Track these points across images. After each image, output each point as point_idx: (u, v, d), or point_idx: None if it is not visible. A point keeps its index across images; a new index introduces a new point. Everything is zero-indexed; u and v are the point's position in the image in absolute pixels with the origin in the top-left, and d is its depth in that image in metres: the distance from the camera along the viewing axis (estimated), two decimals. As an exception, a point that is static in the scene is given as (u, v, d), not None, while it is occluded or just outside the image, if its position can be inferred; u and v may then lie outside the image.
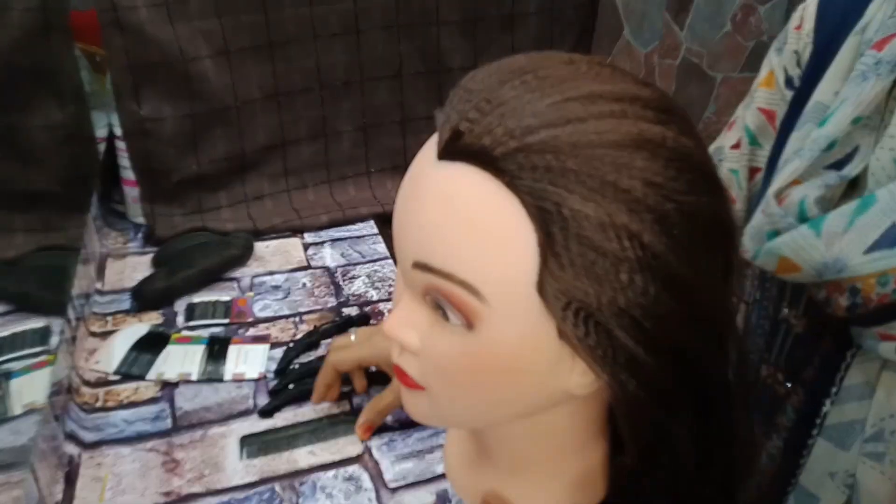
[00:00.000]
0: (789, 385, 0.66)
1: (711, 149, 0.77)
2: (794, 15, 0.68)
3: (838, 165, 0.56)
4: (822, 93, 0.60)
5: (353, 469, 0.79)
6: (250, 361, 0.92)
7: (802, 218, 0.55)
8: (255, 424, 0.84)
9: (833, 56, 0.60)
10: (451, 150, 0.40)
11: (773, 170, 0.66)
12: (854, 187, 0.57)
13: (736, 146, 0.74)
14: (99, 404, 0.86)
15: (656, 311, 0.38)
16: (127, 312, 1.01)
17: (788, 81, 0.68)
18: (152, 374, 0.90)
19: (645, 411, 0.42)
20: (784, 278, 0.58)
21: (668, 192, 0.38)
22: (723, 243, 0.41)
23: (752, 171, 0.72)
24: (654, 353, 0.40)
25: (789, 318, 0.65)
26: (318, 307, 1.04)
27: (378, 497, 0.76)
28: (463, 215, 0.39)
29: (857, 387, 0.59)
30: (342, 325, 0.99)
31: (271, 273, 1.12)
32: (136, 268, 1.10)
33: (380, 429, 0.84)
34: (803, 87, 0.65)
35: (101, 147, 1.17)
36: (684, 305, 0.39)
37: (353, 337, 0.85)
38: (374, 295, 1.08)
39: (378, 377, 0.92)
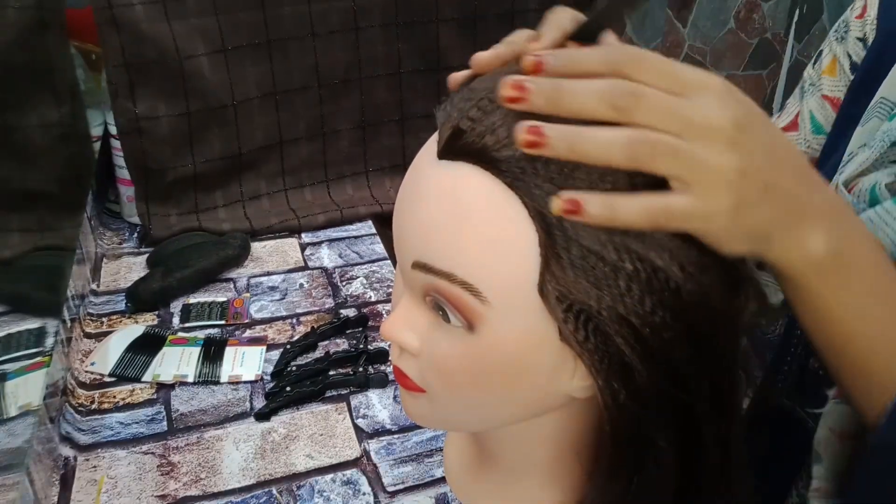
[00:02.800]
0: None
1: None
2: (856, 4, 0.68)
3: None
4: (887, 89, 0.59)
5: (351, 473, 0.78)
6: (247, 363, 0.92)
7: (874, 203, 0.55)
8: (252, 427, 0.83)
9: (891, 46, 0.60)
10: (452, 150, 0.39)
11: (829, 157, 0.65)
12: None
13: (789, 128, 0.72)
14: (94, 406, 0.85)
15: (653, 321, 0.38)
16: (122, 313, 1.00)
17: (854, 67, 0.67)
18: (148, 376, 0.89)
19: (632, 423, 0.41)
20: None
21: None
22: (726, 258, 0.40)
23: (814, 161, 0.70)
24: (649, 364, 0.39)
25: None
26: (316, 308, 1.04)
27: (376, 501, 0.75)
28: (464, 215, 0.39)
29: None
30: (340, 327, 0.98)
31: (268, 274, 1.11)
32: (131, 268, 1.10)
33: (378, 432, 0.83)
34: (865, 76, 0.64)
35: (97, 146, 1.17)
36: (681, 320, 0.39)
37: None
38: (372, 296, 1.07)
39: (378, 356, 0.92)
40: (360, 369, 0.90)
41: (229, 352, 0.93)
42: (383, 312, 1.03)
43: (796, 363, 0.67)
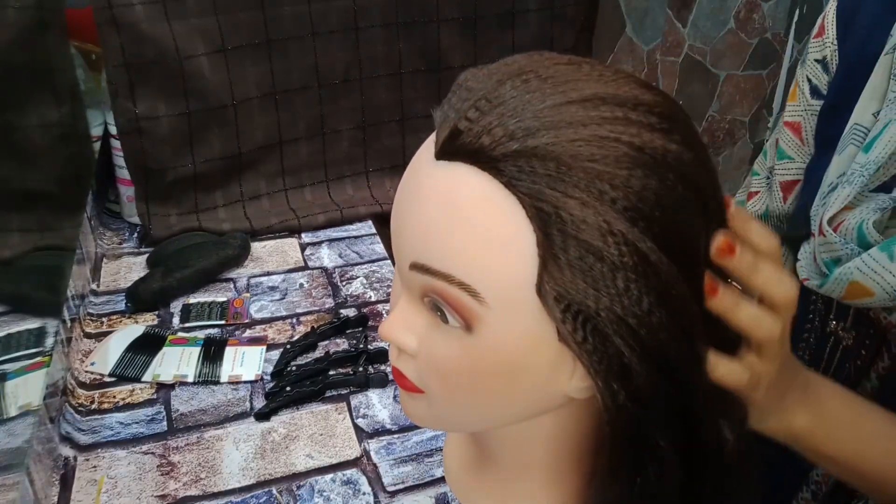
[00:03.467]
0: None
1: (759, 176, 0.79)
2: (817, 24, 0.69)
3: (885, 188, 0.57)
4: (859, 115, 0.60)
5: (351, 472, 0.78)
6: (247, 363, 0.92)
7: (862, 243, 0.56)
8: (252, 427, 0.83)
9: (863, 72, 0.60)
10: (450, 150, 0.39)
11: (812, 182, 0.66)
12: None
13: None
14: (94, 406, 0.85)
15: (650, 321, 0.38)
16: (122, 313, 1.00)
17: (814, 91, 0.69)
18: (148, 376, 0.89)
19: (632, 424, 0.41)
20: (851, 304, 0.58)
21: (667, 210, 0.37)
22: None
23: (784, 184, 0.74)
24: (647, 365, 0.39)
25: (837, 331, 0.64)
26: (316, 308, 1.04)
27: (376, 501, 0.75)
28: (461, 215, 0.39)
29: None
30: (340, 327, 0.98)
31: (268, 274, 1.11)
32: (131, 268, 1.10)
33: (378, 432, 0.83)
34: (836, 99, 0.65)
35: (97, 146, 1.17)
36: (677, 320, 0.39)
37: None
38: (372, 296, 1.07)
39: (378, 356, 0.92)
40: (360, 369, 0.90)
41: (229, 352, 0.93)
42: (383, 312, 1.03)
43: (805, 355, 0.67)
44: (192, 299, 1.03)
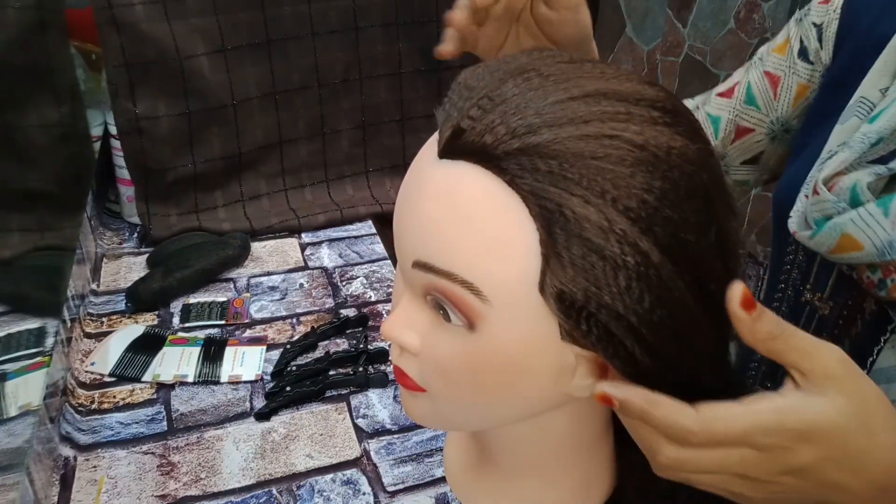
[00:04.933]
0: None
1: (699, 97, 0.80)
2: None
3: (882, 160, 0.57)
4: (866, 89, 0.61)
5: (351, 473, 0.78)
6: (247, 363, 0.91)
7: (855, 203, 0.56)
8: (252, 427, 0.83)
9: (871, 50, 0.61)
10: (453, 149, 0.39)
11: (802, 150, 0.67)
12: None
13: (725, 95, 0.76)
14: (94, 406, 0.85)
15: (650, 320, 0.38)
16: (122, 313, 1.00)
17: (802, 52, 0.70)
18: (148, 376, 0.89)
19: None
20: (837, 259, 0.58)
21: (669, 210, 0.37)
22: (725, 255, 0.41)
23: (739, 129, 0.74)
24: (653, 357, 0.39)
25: (812, 301, 0.65)
26: (316, 308, 1.03)
27: (376, 501, 0.75)
28: (464, 214, 0.39)
29: (890, 369, 0.59)
30: (340, 327, 0.98)
31: (268, 274, 1.11)
32: (131, 268, 1.10)
33: (378, 432, 0.83)
34: (840, 75, 0.66)
35: (97, 146, 1.17)
36: (678, 320, 0.39)
37: None
38: (372, 296, 1.07)
39: (378, 356, 0.92)
40: (360, 369, 0.90)
41: (229, 352, 0.93)
42: (383, 312, 1.03)
43: None
44: (192, 299, 1.03)
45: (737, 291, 0.38)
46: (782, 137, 0.74)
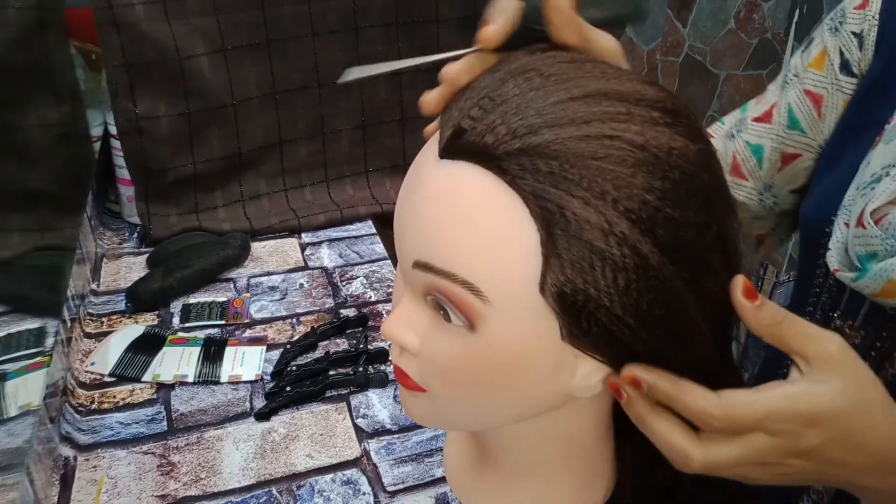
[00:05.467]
0: None
1: (729, 121, 0.74)
2: None
3: None
4: None
5: (352, 473, 0.78)
6: (247, 363, 0.91)
7: None
8: (252, 427, 0.83)
9: None
10: (453, 149, 0.39)
11: (831, 167, 0.63)
12: None
13: (763, 119, 0.70)
14: (94, 406, 0.85)
15: (650, 319, 0.39)
16: (122, 313, 1.00)
17: (844, 65, 0.63)
18: (148, 376, 0.89)
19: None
20: (882, 302, 0.55)
21: (669, 210, 0.37)
22: (725, 255, 0.41)
23: (785, 156, 0.68)
24: (652, 357, 0.40)
25: (843, 328, 0.61)
26: (316, 308, 1.03)
27: (376, 501, 0.75)
28: (465, 214, 0.39)
29: None
30: (340, 327, 0.98)
31: (268, 274, 1.11)
32: (131, 268, 1.10)
33: (378, 432, 0.83)
34: (879, 86, 0.60)
35: (97, 146, 1.17)
36: (677, 321, 0.39)
37: None
38: (372, 296, 1.07)
39: (378, 356, 0.92)
40: (360, 369, 0.90)
41: (229, 352, 0.93)
42: (383, 312, 1.03)
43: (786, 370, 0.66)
44: (192, 299, 1.03)
45: (739, 282, 0.40)
46: None
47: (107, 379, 0.89)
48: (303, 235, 1.22)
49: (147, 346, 0.93)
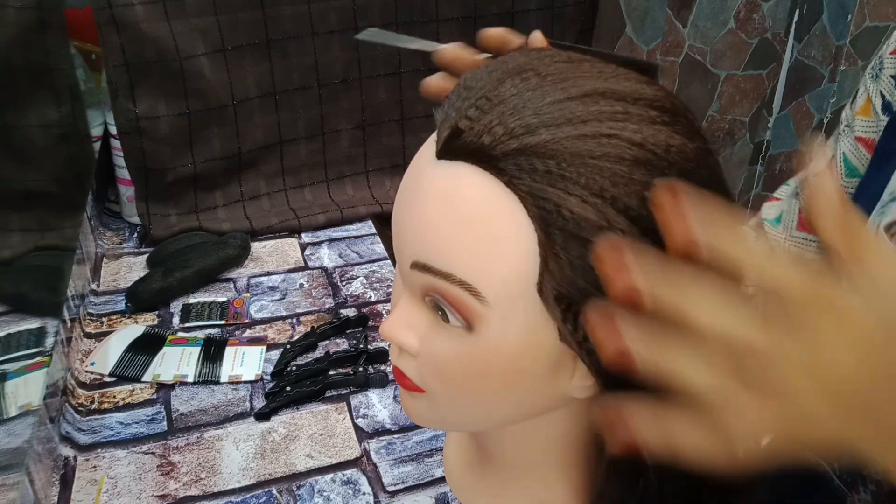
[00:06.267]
0: None
1: (794, 182, 0.75)
2: (891, 38, 0.66)
3: None
4: None
5: (352, 472, 0.78)
6: (247, 363, 0.92)
7: None
8: (252, 427, 0.83)
9: None
10: (451, 149, 0.39)
11: (864, 192, 0.64)
12: None
13: None
14: (94, 406, 0.85)
15: None
16: (122, 313, 1.00)
17: (886, 107, 0.66)
18: (148, 376, 0.89)
19: None
20: None
21: None
22: None
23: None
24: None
25: None
26: (316, 308, 1.03)
27: (376, 501, 0.75)
28: (462, 215, 0.39)
29: None
30: (340, 327, 0.98)
31: (268, 274, 1.11)
32: (131, 268, 1.10)
33: (378, 432, 0.83)
34: None
35: (97, 146, 1.17)
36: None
37: None
38: (372, 296, 1.07)
39: (378, 356, 0.92)
40: (360, 369, 0.90)
41: (229, 352, 0.93)
42: (383, 312, 1.03)
43: None
44: (192, 299, 1.03)
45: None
46: None
47: (107, 379, 0.89)
48: (303, 235, 1.22)
49: (147, 346, 0.93)
